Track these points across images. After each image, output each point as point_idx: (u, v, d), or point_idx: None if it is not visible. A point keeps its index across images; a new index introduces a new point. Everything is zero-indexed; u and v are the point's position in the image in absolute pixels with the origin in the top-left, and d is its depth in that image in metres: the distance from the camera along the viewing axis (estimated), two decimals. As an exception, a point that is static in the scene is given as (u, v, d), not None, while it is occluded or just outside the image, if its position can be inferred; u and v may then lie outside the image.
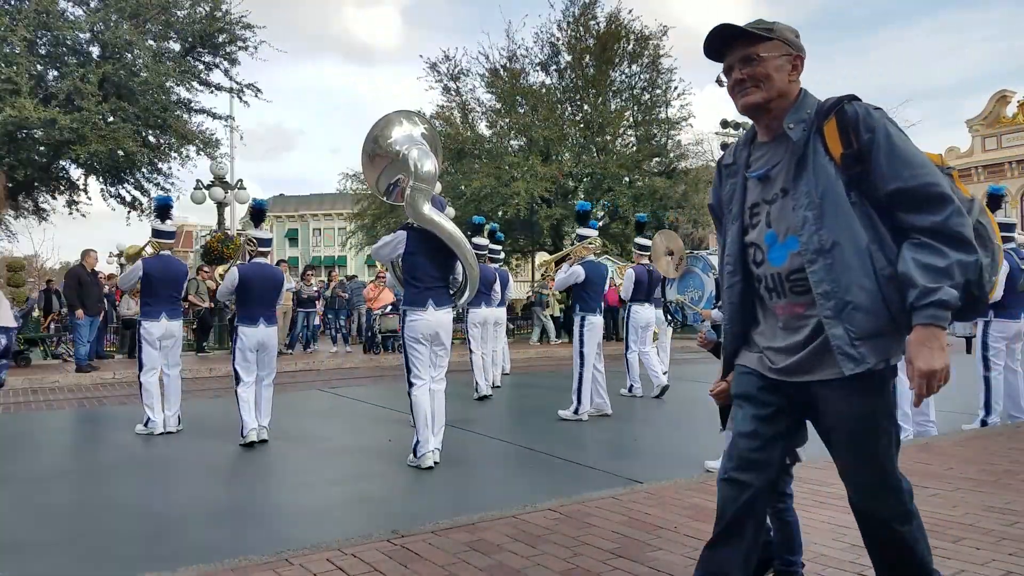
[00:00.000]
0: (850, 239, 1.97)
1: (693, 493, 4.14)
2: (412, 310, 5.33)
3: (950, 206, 1.90)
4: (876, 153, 1.95)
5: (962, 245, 1.89)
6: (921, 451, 5.20)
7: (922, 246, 1.90)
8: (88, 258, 12.56)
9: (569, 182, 23.46)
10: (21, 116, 13.08)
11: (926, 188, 1.92)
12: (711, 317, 5.62)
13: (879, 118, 1.99)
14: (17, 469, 5.73)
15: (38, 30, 14.53)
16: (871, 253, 1.97)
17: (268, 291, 6.55)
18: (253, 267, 6.56)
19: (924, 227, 1.91)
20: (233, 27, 16.57)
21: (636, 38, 23.16)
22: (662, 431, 7.31)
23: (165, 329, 6.96)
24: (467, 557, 3.15)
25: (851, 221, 1.98)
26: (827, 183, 2.00)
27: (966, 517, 3.60)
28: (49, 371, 12.44)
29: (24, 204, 18.25)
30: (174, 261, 7.20)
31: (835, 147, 2.01)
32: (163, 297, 6.96)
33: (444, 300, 5.44)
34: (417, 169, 5.19)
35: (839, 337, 1.98)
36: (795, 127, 2.07)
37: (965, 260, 1.88)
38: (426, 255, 5.35)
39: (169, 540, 3.97)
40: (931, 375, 1.87)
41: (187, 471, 5.63)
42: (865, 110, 2.00)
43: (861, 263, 1.97)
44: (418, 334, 5.30)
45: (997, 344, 6.32)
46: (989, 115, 33.46)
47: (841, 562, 3.01)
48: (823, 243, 1.99)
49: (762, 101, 2.11)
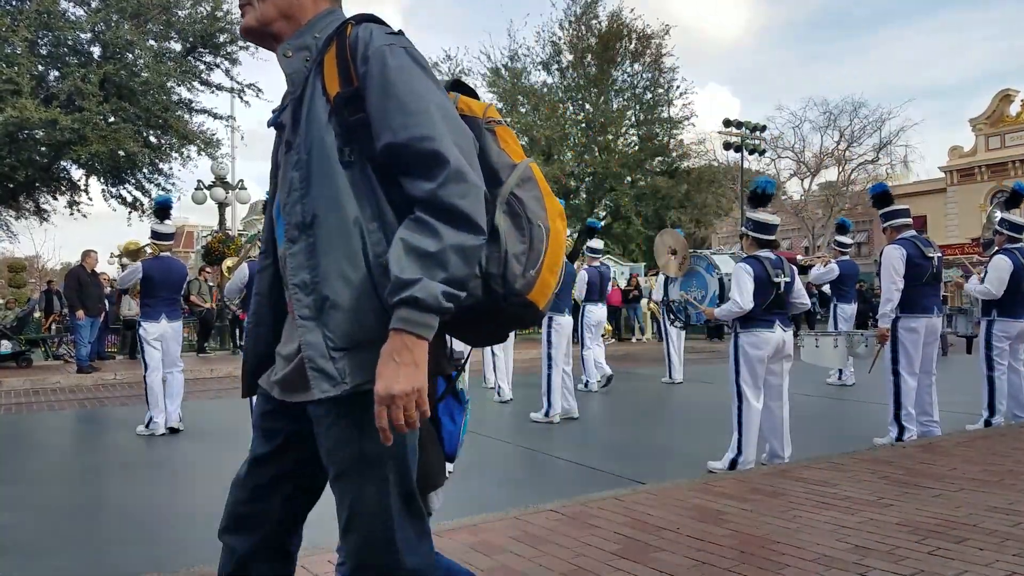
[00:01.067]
0: (336, 211, 1.47)
1: (696, 494, 4.13)
2: None
3: (445, 169, 1.39)
4: (369, 93, 1.45)
5: (460, 223, 1.38)
6: (924, 451, 5.19)
7: (418, 223, 1.39)
8: (88, 259, 12.56)
9: (571, 182, 23.46)
10: (22, 116, 13.07)
11: (417, 143, 1.40)
12: (713, 316, 5.63)
13: (381, 44, 1.46)
14: (18, 470, 5.73)
15: (39, 30, 14.52)
16: (364, 232, 1.47)
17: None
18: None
19: (419, 198, 1.41)
20: (234, 27, 16.52)
21: (638, 37, 23.19)
22: (664, 432, 7.29)
23: (164, 330, 6.97)
24: (469, 558, 3.13)
25: (339, 187, 1.47)
26: (318, 134, 1.50)
27: (970, 517, 3.58)
28: (50, 372, 12.44)
29: (25, 205, 18.24)
30: (174, 262, 7.19)
31: (332, 85, 1.50)
32: (162, 299, 6.97)
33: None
34: None
35: (313, 346, 1.47)
36: (293, 55, 1.58)
37: (465, 244, 1.39)
38: None
39: (170, 541, 3.96)
40: (390, 400, 1.35)
41: (188, 472, 5.62)
42: (370, 33, 1.48)
43: (347, 245, 1.47)
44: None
45: (1000, 344, 6.29)
46: (992, 114, 33.41)
47: (845, 563, 2.99)
48: (305, 216, 1.50)
49: (256, 24, 1.63)
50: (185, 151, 16.73)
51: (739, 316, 5.04)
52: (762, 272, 4.99)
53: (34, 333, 14.61)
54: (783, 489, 4.18)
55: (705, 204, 24.42)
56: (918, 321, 5.71)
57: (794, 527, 3.47)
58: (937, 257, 5.79)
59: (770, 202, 5.33)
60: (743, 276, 4.98)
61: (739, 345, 5.09)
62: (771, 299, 5.02)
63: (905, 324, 5.74)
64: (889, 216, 5.92)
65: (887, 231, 5.98)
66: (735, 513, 3.71)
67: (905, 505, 3.81)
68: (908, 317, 5.74)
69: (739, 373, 5.07)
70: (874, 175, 34.88)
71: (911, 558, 3.04)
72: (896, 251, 5.68)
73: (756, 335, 5.01)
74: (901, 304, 5.72)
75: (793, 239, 36.90)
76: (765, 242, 5.18)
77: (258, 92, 17.24)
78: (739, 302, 4.95)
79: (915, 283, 5.66)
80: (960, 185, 34.12)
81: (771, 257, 5.11)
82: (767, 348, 5.01)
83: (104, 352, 14.28)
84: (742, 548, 3.19)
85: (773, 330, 5.02)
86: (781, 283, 5.04)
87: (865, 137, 33.92)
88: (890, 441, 5.71)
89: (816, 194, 35.86)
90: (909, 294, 5.67)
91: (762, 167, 33.22)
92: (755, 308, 4.97)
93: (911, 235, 5.82)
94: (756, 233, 5.18)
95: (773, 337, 5.02)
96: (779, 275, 5.04)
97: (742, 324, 5.07)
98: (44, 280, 25.41)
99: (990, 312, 6.35)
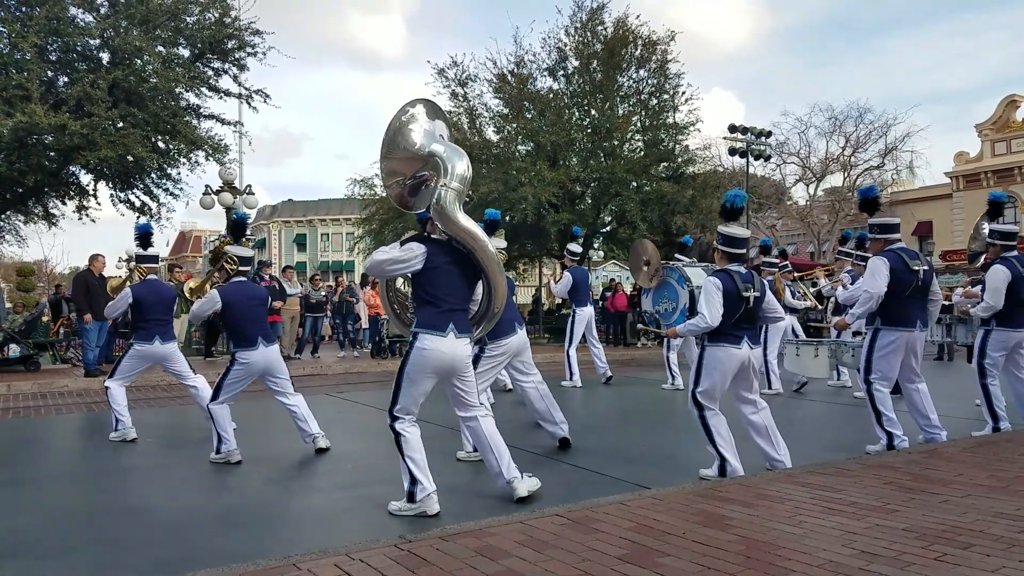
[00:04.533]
0: None
1: (701, 499, 4.13)
2: (426, 334, 4.34)
3: None
4: None
5: None
6: (930, 457, 5.18)
7: None
8: (96, 263, 12.62)
9: (576, 187, 23.46)
10: (32, 122, 13.15)
11: None
12: (676, 334, 5.63)
13: None
14: (26, 473, 5.76)
15: (48, 36, 14.61)
16: None
17: (255, 309, 6.12)
18: (234, 287, 6.11)
19: None
20: (242, 33, 16.63)
21: (644, 43, 23.18)
22: (669, 436, 7.29)
23: (158, 352, 6.88)
24: (475, 563, 3.14)
25: None
26: None
27: (976, 524, 3.58)
28: (58, 376, 12.50)
29: (34, 209, 18.34)
30: (162, 285, 7.18)
31: None
32: (154, 320, 6.88)
33: (465, 327, 4.49)
34: (450, 169, 4.28)
35: None
36: None
37: None
38: (452, 272, 4.42)
39: (177, 545, 3.98)
40: None
41: (195, 476, 5.64)
42: None
43: None
44: (430, 363, 4.34)
45: (995, 353, 6.23)
46: (998, 120, 33.35)
47: (851, 569, 2.99)
48: None
49: None
50: (193, 156, 16.79)
51: (707, 331, 4.99)
52: (731, 286, 4.94)
53: (42, 337, 14.67)
54: (789, 494, 4.18)
55: (711, 209, 24.32)
56: (897, 334, 5.67)
57: (800, 532, 3.48)
58: (923, 270, 5.70)
59: (740, 215, 5.29)
60: (712, 291, 4.93)
61: (703, 357, 5.06)
62: (740, 314, 4.98)
63: (884, 337, 5.70)
64: (881, 229, 5.86)
65: (875, 243, 5.92)
66: (741, 518, 3.72)
67: (911, 511, 3.81)
68: (888, 330, 5.69)
69: (698, 384, 5.04)
70: (880, 180, 34.79)
71: (917, 564, 3.04)
72: (881, 263, 5.63)
73: (723, 350, 4.97)
74: (882, 316, 5.69)
75: (799, 244, 36.82)
76: (735, 256, 5.14)
77: (266, 98, 17.30)
78: (706, 317, 4.90)
79: (898, 296, 5.60)
80: (966, 191, 34.03)
81: (741, 271, 5.06)
82: (731, 365, 4.98)
83: (112, 356, 14.29)
84: (748, 553, 3.19)
85: (740, 346, 4.98)
86: (751, 297, 4.99)
87: (871, 143, 33.78)
88: (882, 448, 5.70)
89: (821, 199, 35.75)
90: (892, 306, 5.62)
91: (767, 172, 33.22)
92: (724, 322, 4.93)
93: (898, 247, 5.77)
94: (726, 247, 5.14)
95: (739, 354, 4.97)
96: (749, 289, 4.99)
97: (710, 338, 5.03)
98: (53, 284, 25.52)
99: (988, 321, 6.27)
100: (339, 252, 61.46)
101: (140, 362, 6.98)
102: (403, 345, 15.28)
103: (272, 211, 65.06)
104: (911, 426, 5.96)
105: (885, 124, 33.10)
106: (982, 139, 33.95)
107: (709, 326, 4.92)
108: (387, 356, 15.32)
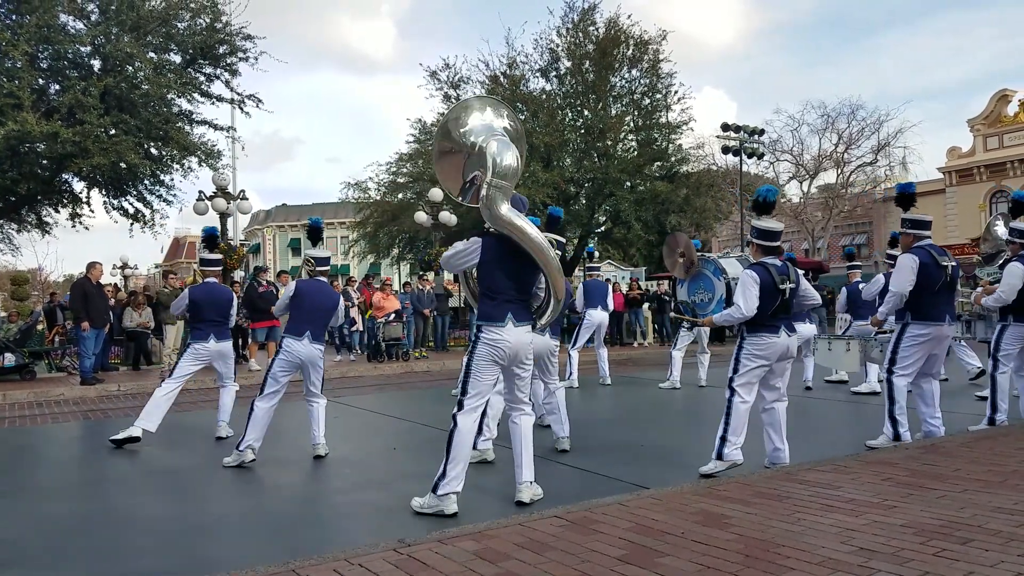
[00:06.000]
0: None
1: (700, 498, 4.13)
2: (488, 326, 4.48)
3: None
4: None
5: None
6: (928, 453, 5.19)
7: None
8: (94, 270, 12.58)
9: (571, 188, 23.48)
10: (23, 130, 13.11)
11: None
12: (713, 323, 5.69)
13: None
14: (23, 482, 5.74)
15: (39, 44, 14.58)
16: None
17: (318, 310, 6.39)
18: (312, 284, 6.45)
19: None
20: (233, 38, 16.61)
21: (635, 43, 23.23)
22: (667, 436, 7.30)
23: (213, 350, 7.15)
24: (474, 565, 3.14)
25: None
26: None
27: (974, 518, 3.59)
28: (54, 384, 12.45)
29: (27, 217, 18.30)
30: (219, 288, 7.39)
31: None
32: (209, 321, 7.15)
33: (524, 316, 4.60)
34: (496, 164, 4.34)
35: None
36: None
37: None
38: (505, 264, 4.53)
39: (176, 551, 3.97)
40: None
41: (193, 482, 5.63)
42: None
43: None
44: (495, 352, 4.47)
45: (1010, 347, 6.43)
46: (990, 115, 33.45)
47: (850, 566, 3.00)
48: None
49: None
50: (186, 162, 16.77)
51: (742, 321, 5.08)
52: (768, 279, 5.05)
53: (37, 345, 14.62)
54: (787, 492, 4.19)
55: (705, 208, 24.43)
56: (928, 328, 5.76)
57: (799, 530, 3.48)
58: (952, 266, 5.83)
59: (773, 209, 5.39)
60: (749, 283, 5.04)
61: (743, 347, 5.15)
62: (777, 305, 5.08)
63: (914, 331, 5.79)
64: (913, 225, 5.95)
65: (905, 237, 6.01)
66: (739, 517, 3.72)
67: (910, 507, 3.82)
68: (918, 324, 5.78)
69: (737, 371, 5.13)
70: (873, 177, 34.93)
71: (916, 560, 3.04)
72: (910, 260, 5.72)
73: (762, 339, 5.08)
74: (912, 311, 5.78)
75: (793, 242, 36.90)
76: (770, 249, 5.24)
77: (258, 103, 17.29)
78: (742, 308, 5.01)
79: (927, 291, 5.70)
80: (959, 186, 34.12)
81: (777, 264, 5.16)
82: (771, 353, 5.08)
83: (108, 364, 14.29)
84: (747, 552, 3.20)
85: (778, 335, 5.10)
86: (787, 290, 5.10)
87: (863, 139, 34.00)
88: (885, 441, 5.75)
89: (815, 196, 35.87)
90: (921, 302, 5.72)
91: (760, 170, 33.29)
92: (761, 314, 5.03)
93: (927, 243, 5.87)
94: (760, 240, 5.26)
95: (779, 342, 5.09)
96: (785, 282, 5.10)
97: (749, 329, 5.13)
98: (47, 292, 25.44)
99: (1006, 317, 6.45)
100: (334, 256, 61.44)
101: (197, 361, 7.15)
102: (399, 348, 15.36)
103: (266, 216, 64.90)
104: (913, 420, 5.98)
105: (878, 120, 33.33)
106: (974, 134, 34.05)
107: (744, 316, 5.02)
108: (383, 360, 15.30)
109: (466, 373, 4.54)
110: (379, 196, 26.63)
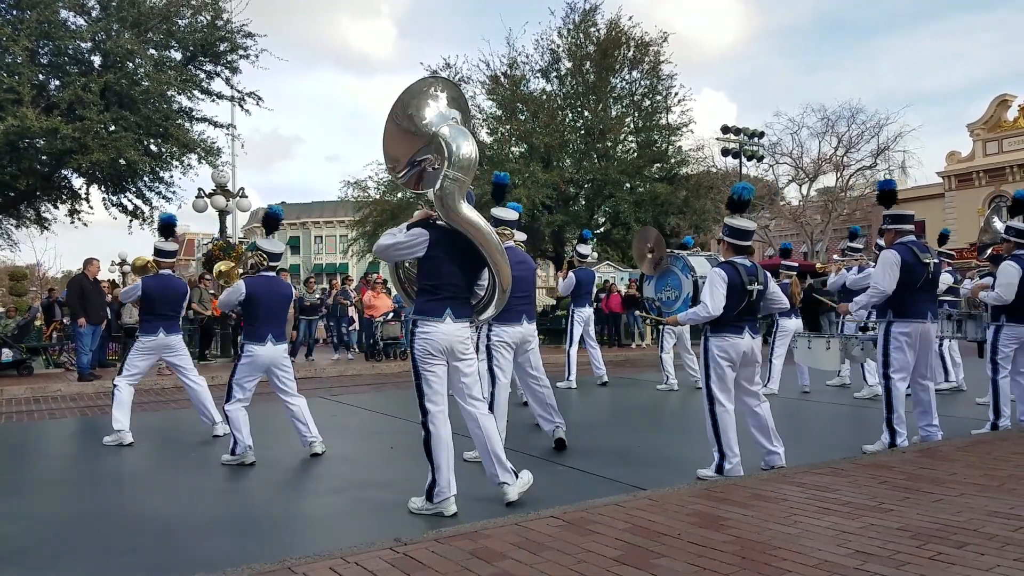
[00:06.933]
0: None
1: (696, 499, 4.13)
2: (424, 320, 4.40)
3: None
4: None
5: None
6: (925, 456, 5.19)
7: None
8: (91, 267, 12.57)
9: (570, 188, 23.49)
10: (23, 126, 13.10)
11: None
12: (677, 322, 5.68)
13: None
14: (20, 478, 5.73)
15: (40, 40, 14.57)
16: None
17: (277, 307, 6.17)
18: (261, 282, 6.11)
19: None
20: (234, 36, 16.60)
21: (636, 44, 23.24)
22: (665, 437, 7.30)
23: (161, 342, 7.01)
24: (470, 565, 3.14)
25: None
26: None
27: (970, 522, 3.59)
28: (51, 380, 12.44)
29: (26, 213, 18.29)
30: (173, 280, 7.20)
31: None
32: (160, 315, 6.98)
33: (464, 312, 4.51)
34: (453, 154, 4.11)
35: None
36: None
37: None
38: (453, 260, 4.40)
39: (172, 549, 3.96)
40: None
41: (190, 480, 5.62)
42: None
43: None
44: (429, 344, 4.37)
45: (1007, 349, 6.39)
46: (990, 119, 33.50)
47: (846, 569, 3.00)
48: None
49: None
50: (186, 159, 16.77)
51: (707, 321, 5.05)
52: (736, 279, 5.00)
53: (35, 341, 14.60)
54: (784, 494, 4.19)
55: (704, 210, 24.43)
56: (910, 326, 5.72)
57: (795, 532, 3.48)
58: (934, 263, 5.79)
59: (748, 208, 5.35)
60: (717, 281, 4.98)
61: (709, 349, 5.11)
62: (743, 306, 5.04)
63: (897, 329, 5.75)
64: (893, 220, 5.93)
65: (888, 233, 5.99)
66: (736, 519, 3.72)
67: (906, 510, 3.82)
68: (900, 322, 5.74)
69: (709, 376, 5.11)
70: (872, 180, 34.94)
71: (912, 563, 3.04)
72: (892, 256, 5.69)
73: (726, 340, 5.03)
74: (894, 309, 5.74)
75: (792, 244, 36.90)
76: (741, 248, 5.20)
77: (258, 100, 17.29)
78: (708, 307, 4.97)
79: (909, 288, 5.67)
80: (958, 190, 34.17)
81: (746, 264, 5.11)
82: (736, 354, 5.04)
83: (106, 360, 14.28)
84: (743, 554, 3.20)
85: (742, 336, 5.05)
86: (754, 291, 5.05)
87: (863, 143, 34.01)
88: (881, 447, 5.72)
89: (814, 200, 35.89)
90: (903, 299, 5.68)
91: (760, 173, 33.32)
92: (727, 314, 4.99)
93: (909, 240, 5.83)
94: (732, 239, 5.20)
95: (741, 343, 5.04)
96: (753, 283, 5.05)
97: (712, 328, 5.09)
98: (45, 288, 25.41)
99: (999, 317, 6.42)
100: (333, 255, 61.41)
101: (148, 353, 7.07)
102: (397, 347, 15.34)
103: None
104: (912, 424, 5.98)
105: (877, 124, 33.33)
106: (974, 139, 34.10)
107: (710, 315, 4.98)
108: (381, 359, 15.29)
109: (416, 376, 4.44)
110: (378, 195, 26.61)
